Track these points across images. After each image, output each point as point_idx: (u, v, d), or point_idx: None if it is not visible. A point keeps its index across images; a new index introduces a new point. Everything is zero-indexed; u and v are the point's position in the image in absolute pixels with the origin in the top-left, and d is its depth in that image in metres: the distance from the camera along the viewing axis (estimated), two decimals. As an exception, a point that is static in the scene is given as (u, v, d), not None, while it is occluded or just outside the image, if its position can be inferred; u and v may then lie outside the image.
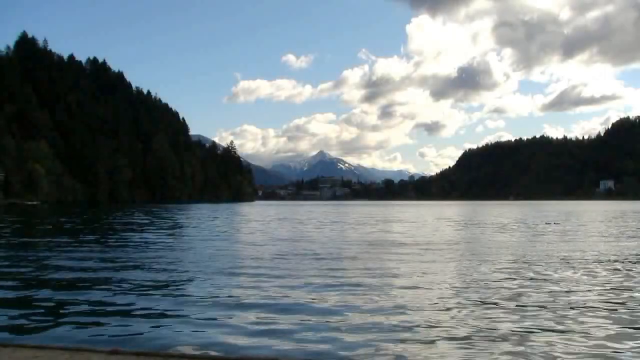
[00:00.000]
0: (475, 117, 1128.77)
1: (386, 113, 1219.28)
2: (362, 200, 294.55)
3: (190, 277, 10.42)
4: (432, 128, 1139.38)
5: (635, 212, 54.69)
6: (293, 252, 15.01)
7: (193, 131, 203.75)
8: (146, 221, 35.32)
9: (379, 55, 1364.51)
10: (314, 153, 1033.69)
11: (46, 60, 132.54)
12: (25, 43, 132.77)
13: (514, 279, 10.04)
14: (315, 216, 48.51)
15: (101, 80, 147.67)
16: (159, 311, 7.40)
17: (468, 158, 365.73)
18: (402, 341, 5.92)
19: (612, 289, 9.09)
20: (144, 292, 8.76)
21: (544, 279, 10.06)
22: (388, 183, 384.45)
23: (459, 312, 7.31)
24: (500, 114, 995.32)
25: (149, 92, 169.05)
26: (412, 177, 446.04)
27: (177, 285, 9.55)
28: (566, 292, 8.77)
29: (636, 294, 8.57)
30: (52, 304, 7.88)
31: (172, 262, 12.69)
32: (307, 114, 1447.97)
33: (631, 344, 5.81)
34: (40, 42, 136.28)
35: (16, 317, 7.10)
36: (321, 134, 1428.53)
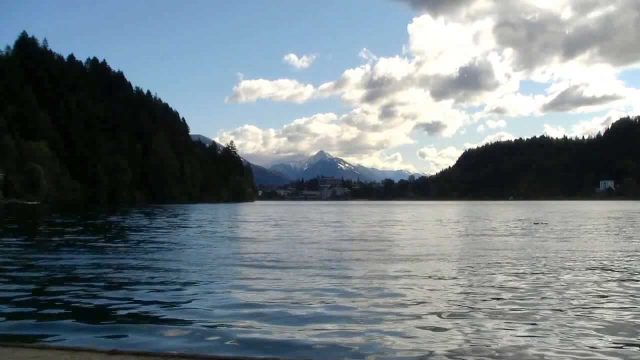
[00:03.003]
0: (476, 117, 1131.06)
1: (387, 113, 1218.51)
2: (362, 200, 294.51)
3: (211, 280, 10.45)
4: (432, 128, 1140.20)
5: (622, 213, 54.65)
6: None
7: (194, 131, 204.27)
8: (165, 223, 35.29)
9: (380, 55, 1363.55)
10: (314, 153, 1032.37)
11: (46, 60, 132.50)
12: (25, 43, 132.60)
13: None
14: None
15: (101, 80, 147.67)
16: (160, 311, 7.41)
17: (468, 158, 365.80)
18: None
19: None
20: (145, 293, 8.77)
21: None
22: (388, 183, 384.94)
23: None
24: (501, 114, 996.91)
25: (149, 92, 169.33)
26: (412, 177, 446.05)
27: (182, 286, 9.56)
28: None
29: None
30: (53, 304, 7.91)
31: (186, 265, 12.72)
32: (308, 113, 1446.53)
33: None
34: (40, 42, 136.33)
35: (17, 317, 7.12)
36: (322, 134, 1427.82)
